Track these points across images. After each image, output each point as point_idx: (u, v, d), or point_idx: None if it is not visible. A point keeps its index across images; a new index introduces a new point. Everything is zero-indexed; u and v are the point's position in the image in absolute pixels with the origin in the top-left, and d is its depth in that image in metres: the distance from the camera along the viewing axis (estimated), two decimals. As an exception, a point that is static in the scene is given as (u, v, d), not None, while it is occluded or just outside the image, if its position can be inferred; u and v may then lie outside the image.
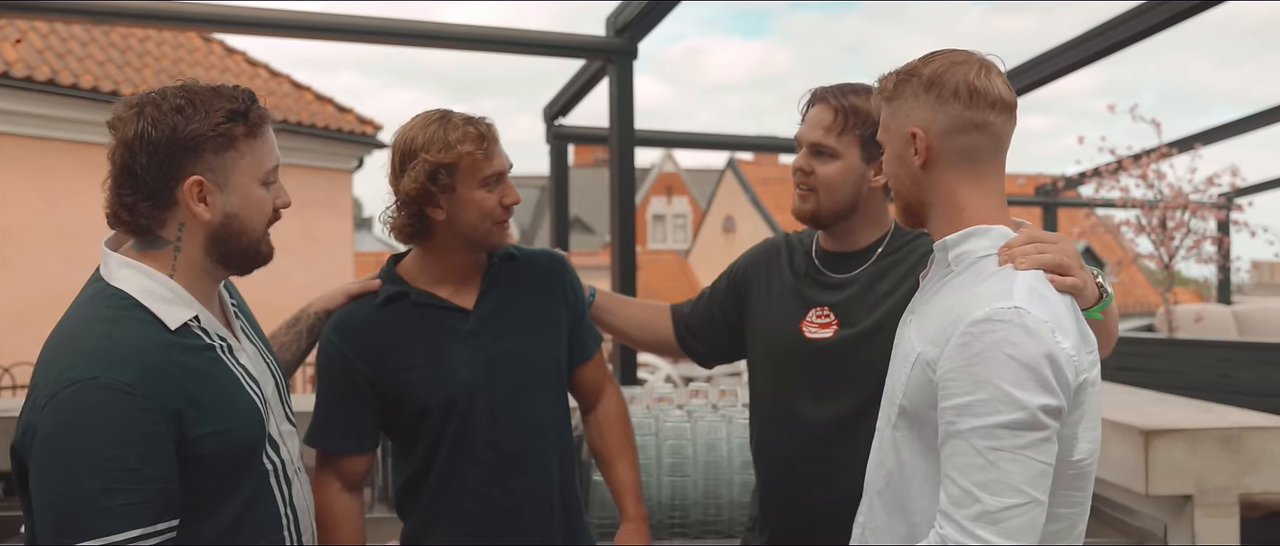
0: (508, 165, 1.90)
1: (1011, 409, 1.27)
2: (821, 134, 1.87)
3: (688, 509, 2.47)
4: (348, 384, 1.89)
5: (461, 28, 4.84)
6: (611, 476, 2.08)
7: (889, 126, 1.53)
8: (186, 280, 1.47)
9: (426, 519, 1.93)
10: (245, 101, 1.48)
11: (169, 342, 1.40)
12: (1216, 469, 2.25)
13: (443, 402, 1.87)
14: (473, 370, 1.89)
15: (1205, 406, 2.59)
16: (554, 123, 6.66)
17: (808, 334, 1.90)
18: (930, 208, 1.51)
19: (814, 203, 1.89)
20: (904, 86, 1.49)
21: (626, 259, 4.90)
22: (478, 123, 1.87)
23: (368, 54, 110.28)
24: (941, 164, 1.47)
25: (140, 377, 1.33)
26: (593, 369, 2.09)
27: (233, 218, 1.48)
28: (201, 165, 1.44)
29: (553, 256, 2.09)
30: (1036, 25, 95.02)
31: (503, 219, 1.89)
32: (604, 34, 4.88)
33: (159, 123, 1.41)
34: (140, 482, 1.31)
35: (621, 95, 4.78)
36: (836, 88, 1.90)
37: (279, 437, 1.56)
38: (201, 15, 4.69)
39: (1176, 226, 5.30)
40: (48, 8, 4.64)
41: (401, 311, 1.91)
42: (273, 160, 1.54)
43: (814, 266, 1.98)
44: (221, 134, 1.44)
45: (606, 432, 2.09)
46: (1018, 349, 1.29)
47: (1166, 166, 5.41)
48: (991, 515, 1.27)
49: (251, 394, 1.50)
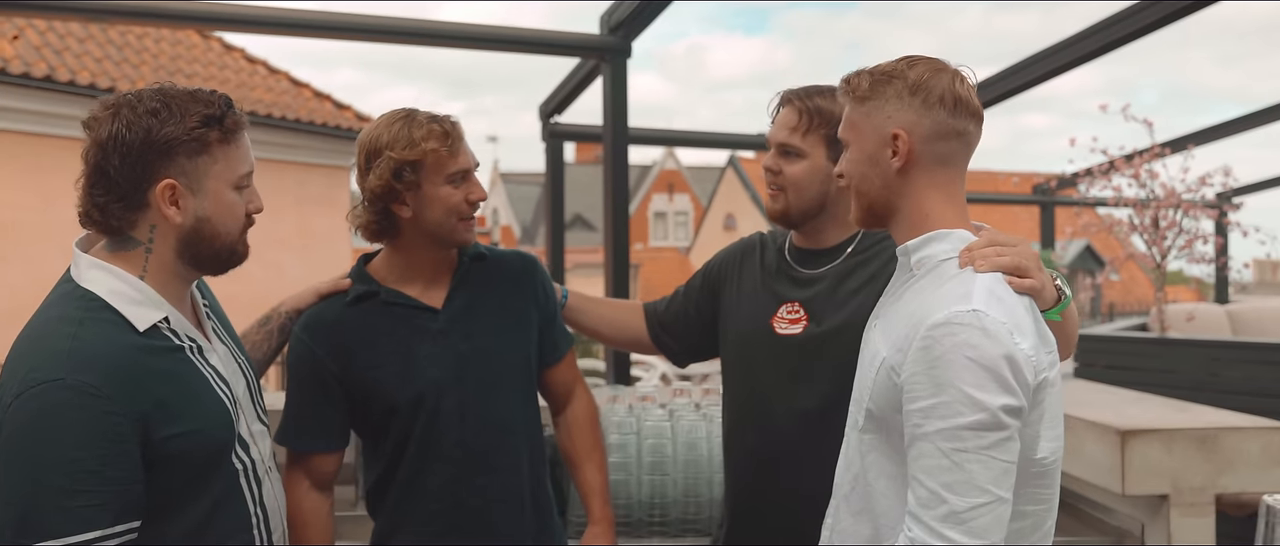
0: (474, 163, 1.92)
1: (973, 410, 1.30)
2: (788, 134, 1.91)
3: (668, 507, 2.48)
4: (317, 382, 1.90)
5: (456, 26, 4.85)
6: (579, 479, 2.09)
7: (860, 126, 1.53)
8: (157, 281, 1.48)
9: (395, 518, 1.94)
10: (221, 107, 1.48)
11: (137, 345, 1.41)
12: (1192, 469, 2.26)
13: (411, 401, 1.88)
14: (441, 368, 1.90)
15: (1182, 406, 2.61)
16: (550, 120, 6.67)
17: (778, 329, 1.93)
18: (896, 211, 1.53)
19: (783, 202, 1.93)
20: (884, 87, 1.50)
21: (620, 256, 4.92)
22: (442, 120, 1.88)
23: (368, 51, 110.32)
24: (917, 168, 1.50)
25: (106, 379, 1.34)
26: (563, 370, 2.10)
27: (205, 221, 1.49)
28: (174, 169, 1.45)
29: (524, 257, 2.11)
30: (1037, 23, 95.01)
31: (468, 215, 1.90)
32: (598, 32, 4.89)
33: (133, 125, 1.42)
34: (101, 484, 1.32)
35: (615, 93, 4.79)
36: (802, 90, 1.94)
37: (249, 437, 1.57)
38: (200, 13, 4.71)
39: (1168, 226, 5.30)
40: (46, 5, 4.66)
41: (371, 310, 1.92)
42: (247, 165, 1.54)
43: (785, 263, 2.00)
44: (195, 139, 1.45)
45: (575, 435, 2.11)
46: (977, 351, 1.31)
47: (1159, 166, 5.41)
48: (959, 515, 1.29)
49: (221, 394, 1.51)
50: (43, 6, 4.70)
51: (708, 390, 2.73)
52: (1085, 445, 2.37)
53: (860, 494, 1.49)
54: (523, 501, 1.96)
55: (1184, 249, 5.28)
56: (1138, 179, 5.30)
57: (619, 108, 4.78)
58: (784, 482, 1.89)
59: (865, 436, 1.48)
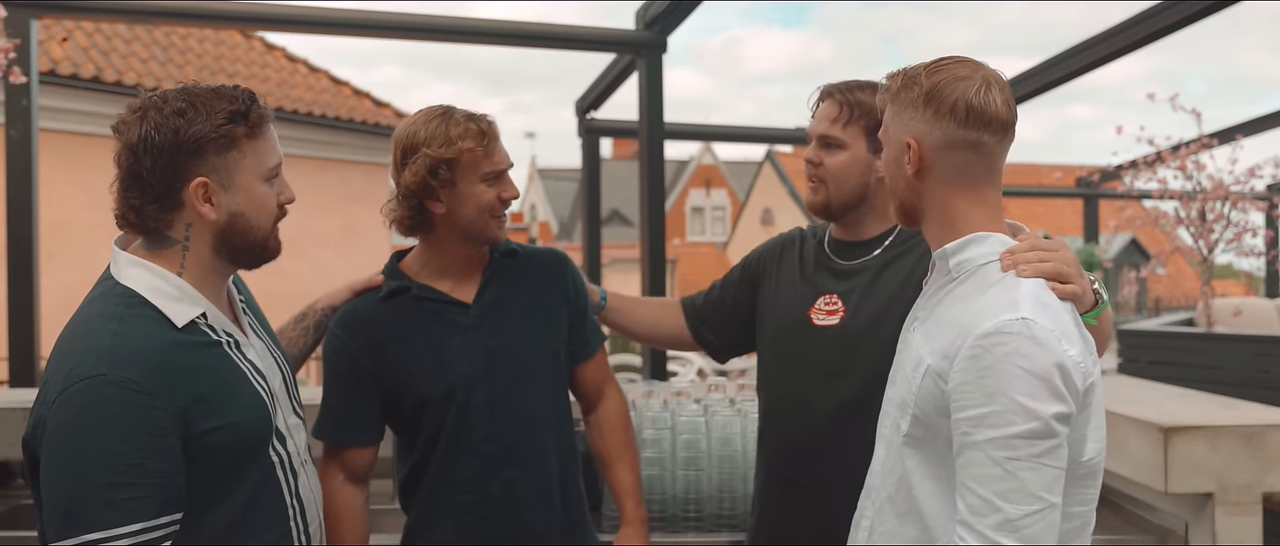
0: (508, 162, 1.94)
1: (1026, 419, 1.30)
2: (828, 126, 1.93)
3: (702, 502, 2.48)
4: (352, 376, 1.94)
5: (494, 23, 4.88)
6: (612, 478, 2.10)
7: (888, 128, 1.55)
8: (195, 277, 1.51)
9: (426, 511, 1.97)
10: (245, 102, 1.51)
11: (175, 340, 1.44)
12: (1238, 467, 2.22)
13: (442, 394, 1.91)
14: (471, 362, 1.92)
15: (1229, 403, 2.55)
16: (586, 116, 6.69)
17: (815, 320, 1.93)
18: (924, 213, 1.54)
19: (824, 194, 1.94)
20: (905, 92, 1.50)
21: (656, 252, 4.92)
22: (479, 120, 1.91)
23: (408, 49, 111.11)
24: (934, 176, 1.50)
25: (146, 375, 1.37)
26: (594, 368, 2.11)
27: (239, 216, 1.52)
28: (205, 167, 1.48)
29: (554, 253, 2.13)
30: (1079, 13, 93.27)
31: (501, 213, 1.94)
32: (634, 27, 4.90)
33: (161, 126, 1.45)
34: (144, 477, 1.35)
35: (651, 88, 4.80)
36: (843, 83, 1.96)
37: (286, 430, 1.60)
38: (242, 14, 4.79)
39: (1216, 219, 5.19)
40: (94, 7, 4.76)
41: (403, 305, 1.96)
42: (275, 157, 1.57)
43: (825, 255, 2.01)
44: (223, 135, 1.47)
45: (607, 434, 2.11)
46: (1028, 360, 1.31)
47: (1207, 157, 5.29)
48: (1013, 523, 1.30)
49: (258, 388, 1.53)
50: (90, 8, 4.81)
51: (743, 386, 2.73)
52: (1128, 442, 2.33)
53: (904, 496, 1.49)
54: (551, 496, 1.97)
55: (1232, 242, 5.17)
56: (1184, 171, 5.19)
57: (655, 103, 4.78)
58: (817, 472, 1.89)
59: (909, 440, 1.48)
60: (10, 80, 3.42)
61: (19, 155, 3.98)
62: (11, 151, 3.97)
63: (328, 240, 10.54)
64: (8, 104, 3.92)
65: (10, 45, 3.37)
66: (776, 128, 7.36)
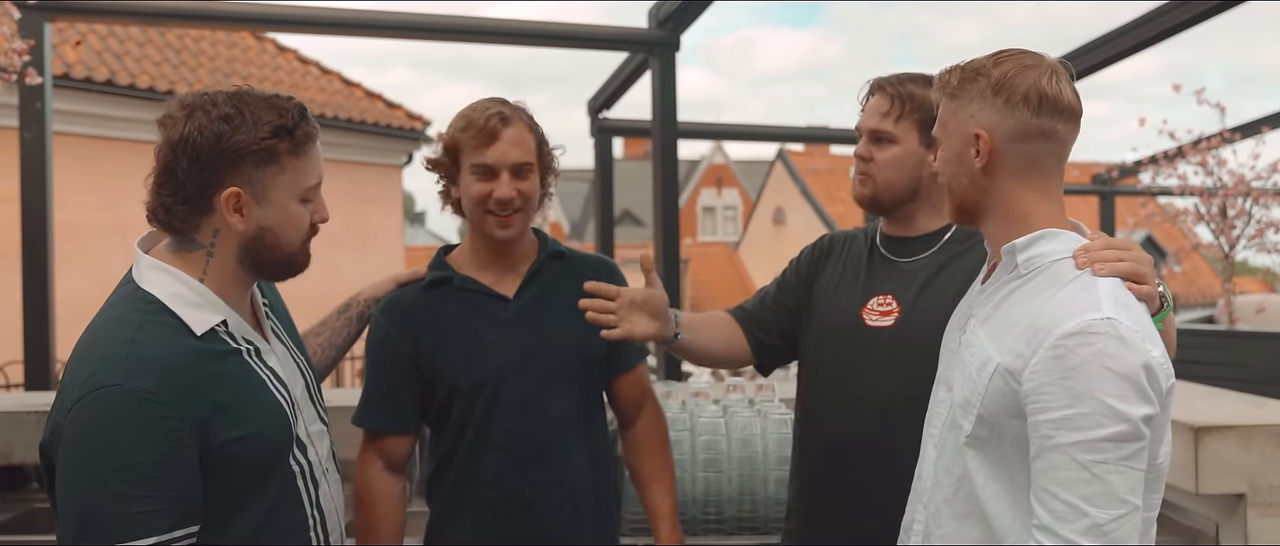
0: (511, 160, 1.89)
1: (1115, 421, 1.27)
2: (879, 120, 1.88)
3: (722, 504, 2.45)
4: (393, 364, 1.95)
5: (506, 23, 4.87)
6: (648, 500, 2.07)
7: (949, 123, 1.51)
8: (217, 284, 1.47)
9: (450, 505, 1.96)
10: (294, 117, 1.46)
11: (194, 348, 1.40)
12: (1271, 467, 2.17)
13: (473, 384, 1.91)
14: (505, 356, 1.92)
15: (1258, 402, 2.51)
16: (598, 116, 6.66)
17: (868, 321, 1.87)
18: (987, 210, 1.50)
19: (872, 187, 1.89)
20: (970, 85, 1.47)
21: (670, 251, 4.89)
22: (486, 113, 1.89)
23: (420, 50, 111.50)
24: (1003, 169, 1.46)
25: (162, 385, 1.33)
26: (632, 382, 2.09)
27: (267, 230, 1.47)
28: (241, 177, 1.43)
29: (604, 261, 2.11)
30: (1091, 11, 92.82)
31: (494, 211, 1.90)
32: (647, 26, 4.87)
33: (205, 129, 1.40)
34: (159, 489, 1.32)
35: (664, 87, 4.77)
36: (894, 77, 1.91)
37: (307, 439, 1.56)
38: (255, 15, 4.78)
39: (1238, 214, 5.13)
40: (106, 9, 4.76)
41: (445, 295, 1.97)
42: (314, 177, 1.52)
43: (878, 251, 1.96)
44: (265, 149, 1.43)
45: (645, 453, 2.08)
46: (1116, 361, 1.28)
47: (1228, 152, 5.24)
48: (1101, 528, 1.27)
49: (278, 397, 1.50)
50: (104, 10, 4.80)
51: (762, 386, 2.70)
52: (1156, 442, 2.29)
53: (965, 498, 1.46)
54: (576, 500, 1.95)
55: (1254, 238, 5.11)
56: (1205, 166, 5.14)
57: (668, 102, 4.76)
58: (865, 473, 1.84)
59: (973, 440, 1.44)
60: (25, 82, 3.42)
61: (33, 158, 3.98)
62: (26, 154, 3.97)
63: (340, 242, 10.54)
64: (22, 107, 3.92)
65: (24, 47, 3.37)
66: (788, 126, 7.32)
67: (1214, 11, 4.92)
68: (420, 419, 2.00)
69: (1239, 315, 5.28)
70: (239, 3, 4.64)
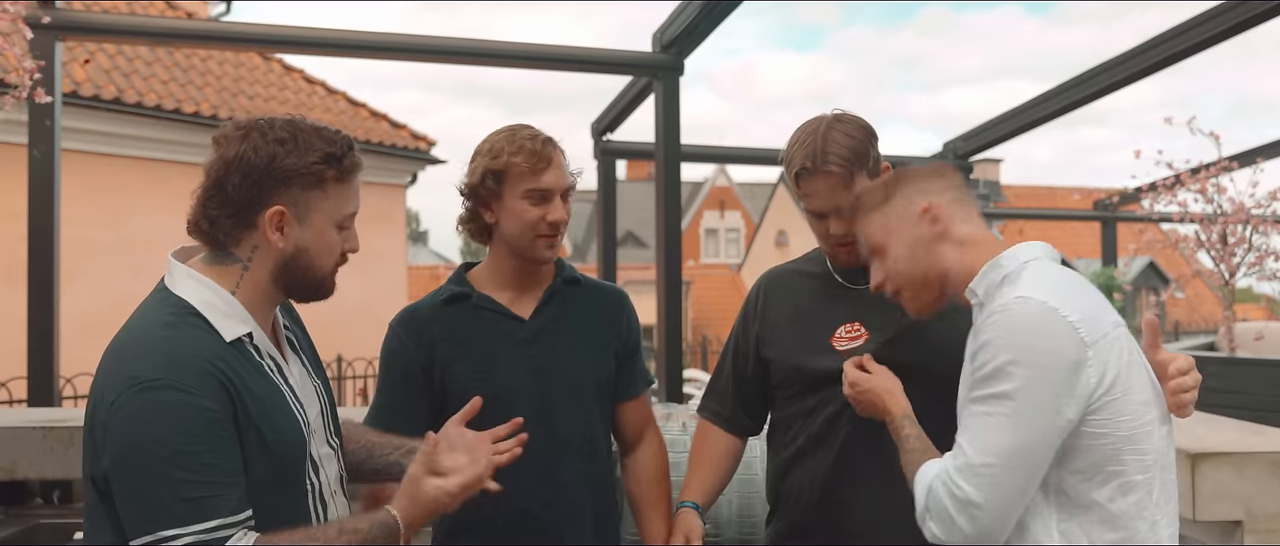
0: (564, 185, 1.95)
1: None
2: (842, 195, 1.83)
3: (722, 527, 2.46)
4: (405, 374, 1.98)
5: (512, 46, 4.91)
6: (644, 528, 2.09)
7: (890, 225, 1.65)
8: (247, 298, 1.53)
9: (458, 520, 1.96)
10: (342, 147, 1.55)
11: (225, 351, 1.46)
12: (1267, 494, 2.18)
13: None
14: (518, 375, 1.95)
15: (1256, 429, 2.52)
16: (602, 138, 6.70)
17: (839, 348, 1.90)
18: (949, 272, 1.62)
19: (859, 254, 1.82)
20: (897, 185, 1.66)
21: (672, 274, 4.92)
22: (536, 138, 1.94)
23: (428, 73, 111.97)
24: (948, 224, 1.63)
25: (201, 381, 1.39)
26: (635, 409, 2.12)
27: (303, 252, 1.54)
28: (287, 197, 1.51)
29: (616, 290, 2.15)
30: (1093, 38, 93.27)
31: (546, 234, 1.94)
32: (651, 50, 4.91)
33: (260, 149, 1.49)
34: (218, 475, 1.37)
35: (667, 110, 4.81)
36: (813, 155, 1.84)
37: (319, 459, 1.60)
38: (262, 36, 4.83)
39: (1237, 242, 5.15)
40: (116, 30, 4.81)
41: (462, 311, 2.00)
42: (352, 206, 1.60)
43: (834, 281, 1.97)
44: (313, 173, 1.51)
45: (644, 481, 2.10)
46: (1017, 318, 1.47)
47: (1227, 180, 5.27)
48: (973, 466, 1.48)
49: (295, 412, 1.54)
50: (114, 31, 4.86)
51: (762, 408, 2.71)
52: (1153, 468, 2.30)
53: None
54: (581, 521, 1.97)
55: (1254, 266, 5.13)
56: (1204, 194, 5.16)
57: (671, 125, 4.79)
58: (858, 499, 1.86)
59: None
60: (35, 100, 3.46)
61: (42, 174, 4.02)
62: (34, 171, 4.00)
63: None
64: (31, 124, 3.96)
65: (35, 66, 3.41)
66: (792, 150, 7.35)
67: (1211, 42, 4.97)
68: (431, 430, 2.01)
69: (1238, 342, 5.29)
70: (249, 24, 4.70)
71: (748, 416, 2.10)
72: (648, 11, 5.89)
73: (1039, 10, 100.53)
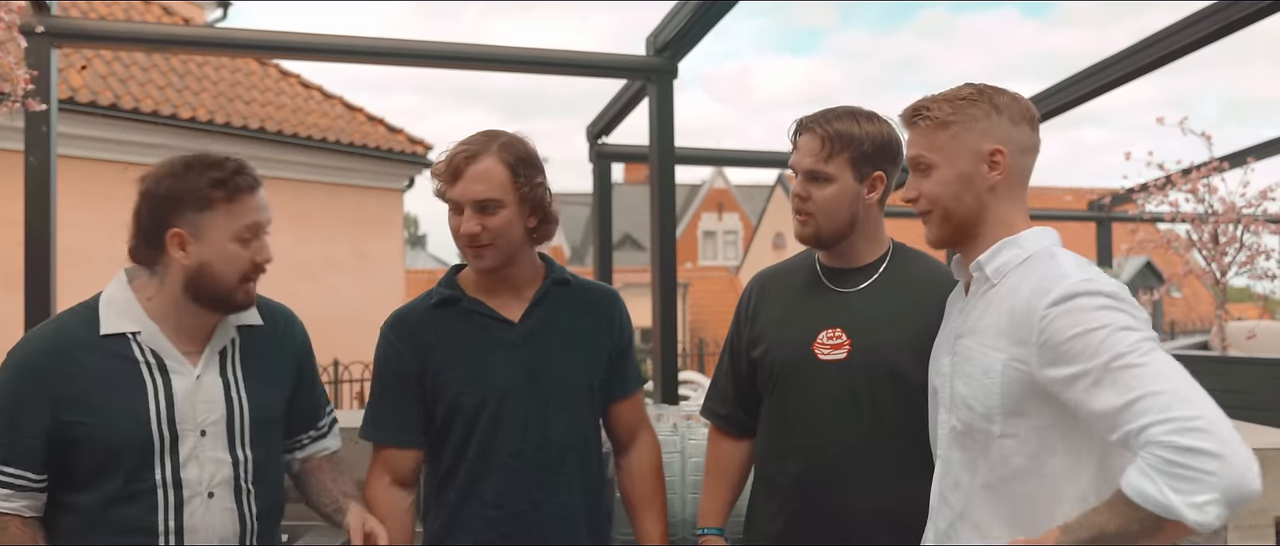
0: (470, 198, 1.93)
1: (1129, 331, 1.41)
2: (814, 161, 1.91)
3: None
4: (397, 378, 2.01)
5: (507, 50, 4.92)
6: (638, 527, 2.12)
7: (949, 148, 1.61)
8: (161, 307, 1.80)
9: (449, 522, 2.00)
10: (229, 171, 1.77)
11: (84, 341, 1.75)
12: (1252, 490, 2.20)
13: (474, 404, 1.96)
14: (508, 378, 1.97)
15: (1244, 427, 2.53)
16: (597, 141, 6.72)
17: (820, 356, 1.92)
18: (982, 225, 1.61)
19: (814, 226, 1.94)
20: (970, 108, 1.60)
21: (667, 277, 4.93)
22: (456, 150, 1.94)
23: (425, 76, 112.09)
24: (1008, 183, 1.61)
25: (32, 359, 1.74)
26: (628, 409, 2.14)
27: (206, 266, 1.77)
28: (182, 220, 1.76)
29: (606, 290, 2.17)
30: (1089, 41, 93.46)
31: (467, 245, 1.95)
32: (645, 53, 4.93)
33: (160, 182, 1.77)
34: (19, 434, 1.72)
35: (661, 114, 4.82)
36: (821, 115, 1.95)
37: (193, 460, 1.77)
38: (261, 42, 4.84)
39: (1229, 241, 5.17)
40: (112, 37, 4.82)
41: (452, 315, 2.02)
42: (249, 219, 1.79)
43: (820, 282, 2.00)
44: (201, 196, 1.75)
45: (637, 480, 2.13)
46: (1098, 300, 1.44)
47: (1218, 180, 5.29)
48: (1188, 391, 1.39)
49: (151, 408, 1.73)
50: (109, 38, 4.87)
51: (754, 409, 2.73)
52: (1140, 465, 2.32)
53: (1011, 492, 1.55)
54: (575, 520, 2.00)
55: (1245, 265, 5.15)
56: (1195, 194, 5.19)
57: (665, 128, 4.80)
58: (835, 504, 1.89)
59: (1007, 436, 1.53)
60: (30, 109, 3.47)
61: (38, 180, 4.03)
62: (31, 177, 4.02)
63: (341, 265, 10.58)
64: (28, 131, 3.97)
65: (29, 76, 3.42)
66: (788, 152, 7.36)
67: (1205, 41, 4.99)
68: (425, 434, 2.04)
69: (1231, 341, 5.31)
70: (245, 30, 4.71)
71: (747, 414, 2.13)
72: (644, 15, 5.92)
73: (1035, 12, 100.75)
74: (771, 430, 2.02)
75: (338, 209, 10.79)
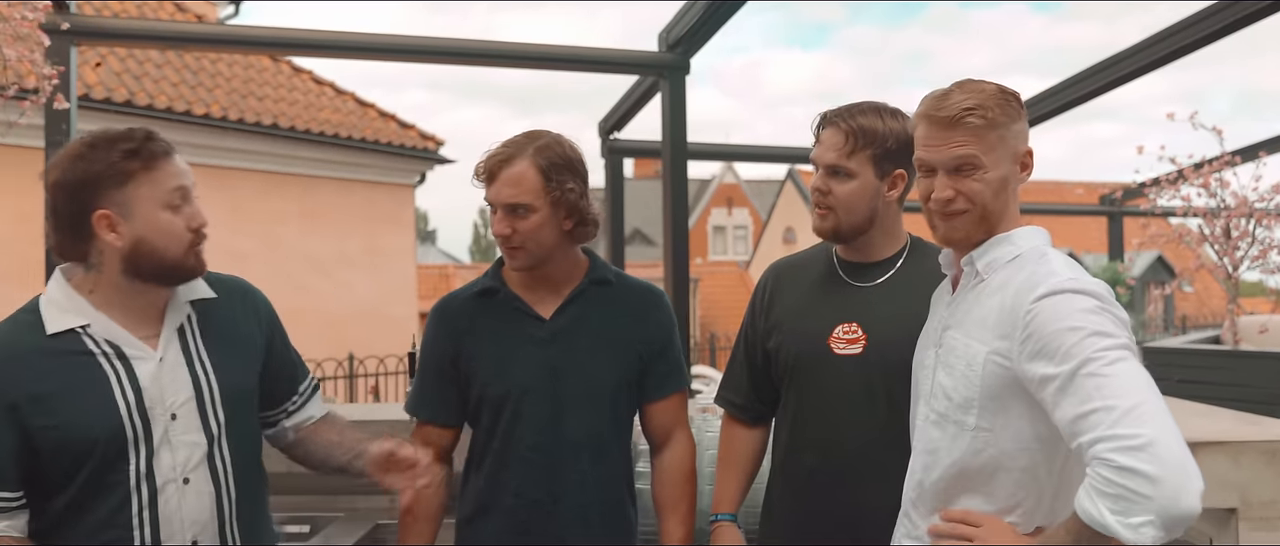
0: (501, 200, 1.96)
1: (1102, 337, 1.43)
2: (836, 155, 1.92)
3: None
4: (436, 361, 2.08)
5: (519, 47, 4.95)
6: (663, 529, 2.14)
7: (997, 150, 1.59)
8: (104, 296, 1.70)
9: (480, 502, 2.06)
10: (138, 140, 1.68)
11: (34, 344, 1.65)
12: (1262, 482, 2.22)
13: (498, 396, 2.01)
14: (529, 374, 2.00)
15: (1253, 419, 2.56)
16: (609, 137, 6.74)
17: (836, 350, 1.93)
18: (1001, 218, 1.62)
19: (833, 220, 1.95)
20: (1009, 108, 1.59)
21: (679, 271, 4.96)
22: (493, 155, 1.97)
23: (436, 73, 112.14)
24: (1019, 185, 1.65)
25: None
26: (664, 410, 2.14)
27: (143, 241, 1.67)
28: (105, 200, 1.65)
29: (649, 290, 2.16)
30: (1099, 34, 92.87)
31: (503, 244, 2.00)
32: (657, 49, 4.95)
33: (68, 169, 1.66)
34: None
35: (674, 109, 4.84)
36: (845, 110, 1.95)
37: (165, 444, 1.69)
38: (272, 39, 4.89)
39: (1241, 235, 5.18)
40: (130, 35, 4.88)
41: (490, 305, 2.07)
42: (172, 183, 1.70)
43: (837, 276, 2.01)
44: (119, 170, 1.65)
45: (666, 483, 2.14)
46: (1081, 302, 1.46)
47: (1230, 174, 5.29)
48: None
49: (118, 397, 1.65)
50: (128, 36, 4.92)
51: (768, 402, 2.75)
52: (1151, 458, 2.34)
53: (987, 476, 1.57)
54: (588, 519, 2.02)
55: (1257, 259, 5.15)
56: (1207, 188, 5.19)
57: (678, 123, 4.83)
58: (850, 500, 1.91)
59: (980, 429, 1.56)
60: (54, 106, 3.52)
61: (59, 178, 4.06)
62: (51, 175, 4.05)
63: (353, 260, 10.64)
64: (48, 129, 4.01)
65: (55, 73, 3.47)
66: (798, 147, 7.37)
67: (1216, 36, 4.98)
68: (462, 415, 2.11)
69: (1242, 335, 5.31)
70: (260, 27, 4.75)
71: (762, 403, 2.15)
72: (655, 11, 5.94)
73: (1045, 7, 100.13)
74: (787, 423, 2.04)
75: (349, 204, 10.85)
